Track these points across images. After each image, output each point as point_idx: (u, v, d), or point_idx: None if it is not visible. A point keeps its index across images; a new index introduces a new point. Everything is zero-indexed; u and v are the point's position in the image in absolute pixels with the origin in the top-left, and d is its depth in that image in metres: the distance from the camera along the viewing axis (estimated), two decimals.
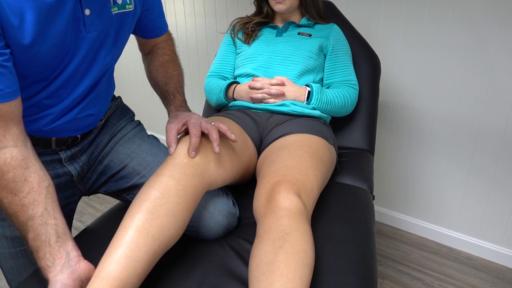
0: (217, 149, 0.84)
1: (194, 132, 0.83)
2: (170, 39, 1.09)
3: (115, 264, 0.67)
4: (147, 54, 1.08)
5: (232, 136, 0.88)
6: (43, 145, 0.86)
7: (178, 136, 0.88)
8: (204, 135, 0.87)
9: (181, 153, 0.83)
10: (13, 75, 0.67)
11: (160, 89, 1.02)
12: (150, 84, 1.07)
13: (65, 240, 0.70)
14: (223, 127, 0.88)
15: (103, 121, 0.96)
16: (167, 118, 0.93)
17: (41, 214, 0.69)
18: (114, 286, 0.65)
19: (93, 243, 0.90)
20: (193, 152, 0.83)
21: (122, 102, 1.06)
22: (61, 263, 0.68)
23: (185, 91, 1.05)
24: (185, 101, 1.00)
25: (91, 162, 0.95)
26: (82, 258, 0.70)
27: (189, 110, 0.96)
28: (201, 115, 1.74)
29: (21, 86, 0.73)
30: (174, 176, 0.78)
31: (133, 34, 1.02)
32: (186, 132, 0.89)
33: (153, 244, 0.71)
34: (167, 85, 1.00)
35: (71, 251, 0.70)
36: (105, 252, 0.70)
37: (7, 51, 0.65)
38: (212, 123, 0.87)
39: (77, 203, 1.01)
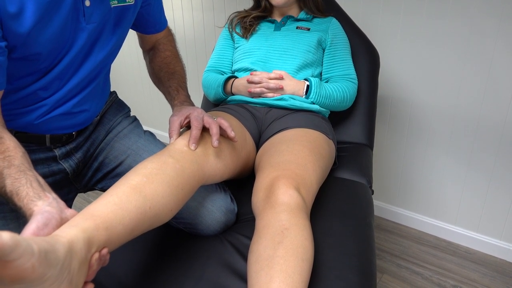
0: (216, 143, 0.83)
1: (196, 125, 0.83)
2: (171, 34, 1.09)
3: (102, 207, 0.63)
4: (148, 50, 1.08)
5: (232, 134, 0.88)
6: (38, 143, 0.85)
7: (181, 130, 0.88)
8: (206, 130, 0.87)
9: (181, 142, 0.83)
10: (2, 69, 0.66)
11: (163, 85, 1.02)
12: (152, 80, 1.07)
13: (49, 189, 0.63)
14: (225, 124, 0.88)
15: (98, 117, 0.95)
16: (163, 114, 0.92)
17: (18, 165, 0.62)
18: (98, 222, 0.60)
19: None
20: (194, 144, 0.82)
21: (118, 97, 1.05)
22: (49, 200, 0.60)
23: None
24: (189, 96, 1.00)
25: (87, 159, 0.94)
26: (68, 208, 0.64)
27: (193, 105, 0.96)
28: None
29: (17, 76, 0.72)
30: (173, 156, 0.78)
31: (134, 30, 1.01)
32: (189, 126, 0.88)
33: (144, 203, 0.68)
34: (170, 80, 1.00)
35: (57, 198, 0.63)
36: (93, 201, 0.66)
37: (3, 44, 0.65)
38: (215, 118, 0.87)
39: (73, 201, 1.00)
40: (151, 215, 0.69)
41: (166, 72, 1.02)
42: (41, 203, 0.59)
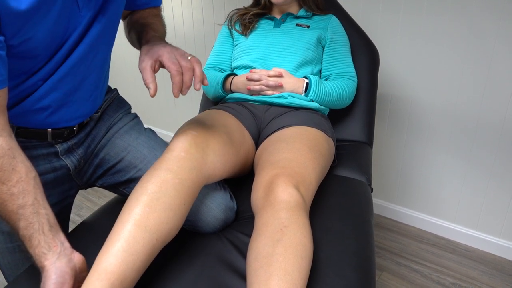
0: (198, 86, 0.77)
1: (175, 69, 0.74)
2: (160, 13, 1.02)
3: (113, 258, 0.66)
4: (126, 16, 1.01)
5: (206, 82, 0.79)
6: (39, 138, 0.85)
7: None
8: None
9: (178, 146, 0.82)
10: (3, 64, 0.66)
11: (136, 37, 0.92)
12: (129, 42, 0.98)
13: (57, 230, 0.70)
14: (198, 70, 0.77)
15: (99, 113, 0.95)
16: (164, 112, 0.89)
17: (32, 203, 0.68)
18: (112, 280, 0.65)
19: (90, 237, 0.90)
20: (179, 92, 0.75)
21: (119, 94, 1.05)
22: (58, 251, 0.67)
23: None
24: (157, 36, 0.87)
25: (88, 155, 0.94)
26: (74, 250, 0.71)
27: (159, 39, 0.85)
28: (199, 107, 1.73)
29: (18, 71, 0.72)
30: (171, 169, 0.78)
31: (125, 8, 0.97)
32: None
33: (151, 238, 0.71)
34: (144, 27, 0.91)
35: (64, 241, 0.70)
36: (103, 246, 0.69)
37: (1, 38, 0.64)
38: (189, 58, 0.77)
39: (74, 197, 1.00)
40: (159, 245, 0.73)
41: (141, 25, 0.91)
42: (51, 256, 0.66)
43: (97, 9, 0.79)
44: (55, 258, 0.66)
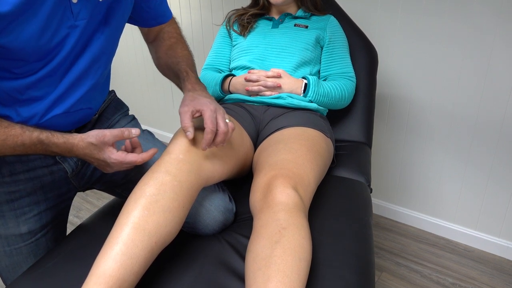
0: (220, 145, 0.84)
1: (211, 128, 0.80)
2: (175, 22, 1.07)
3: (112, 262, 0.66)
4: (152, 41, 1.06)
5: (224, 144, 0.86)
6: None
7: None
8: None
9: (176, 149, 0.82)
10: None
11: (172, 70, 0.98)
12: (160, 71, 1.04)
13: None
14: (229, 133, 0.84)
15: (97, 115, 0.94)
16: (162, 113, 0.90)
17: (20, 127, 0.74)
18: (111, 284, 0.64)
19: (89, 239, 0.89)
20: (206, 147, 0.81)
21: (116, 96, 1.05)
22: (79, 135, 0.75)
23: None
24: (199, 79, 0.96)
25: None
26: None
27: (205, 91, 0.92)
28: None
29: (8, 72, 0.71)
30: (169, 172, 0.77)
31: (134, 24, 0.99)
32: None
33: (150, 241, 0.70)
34: (179, 64, 0.97)
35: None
36: (101, 249, 0.69)
37: None
38: (227, 121, 0.84)
39: (72, 200, 1.00)
40: (158, 248, 0.73)
41: (174, 57, 0.99)
42: (77, 135, 0.76)
43: (98, 21, 0.79)
44: (84, 134, 0.76)
